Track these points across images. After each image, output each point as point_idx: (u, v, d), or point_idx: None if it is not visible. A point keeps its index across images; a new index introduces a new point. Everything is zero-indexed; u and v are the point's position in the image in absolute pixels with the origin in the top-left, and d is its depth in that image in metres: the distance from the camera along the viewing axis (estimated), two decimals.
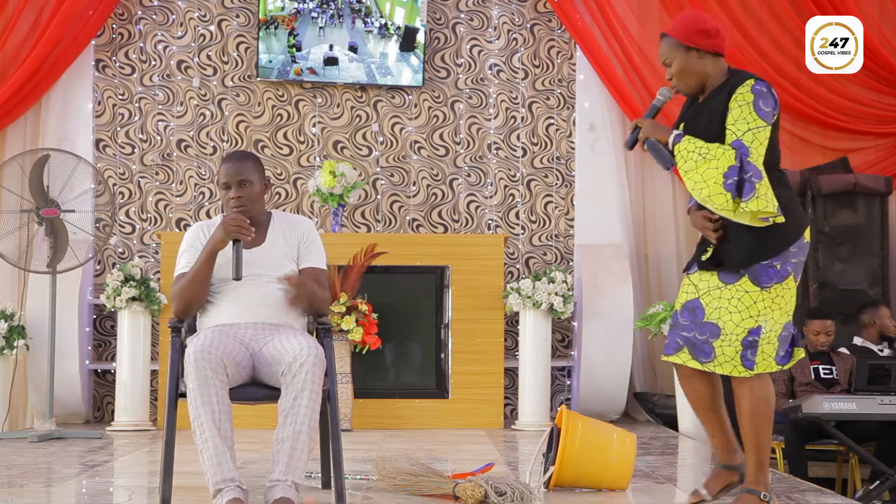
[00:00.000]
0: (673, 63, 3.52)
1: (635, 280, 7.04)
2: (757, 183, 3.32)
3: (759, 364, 3.43)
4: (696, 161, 3.38)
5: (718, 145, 3.38)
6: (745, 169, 3.32)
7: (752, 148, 3.35)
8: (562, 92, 7.41)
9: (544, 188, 7.36)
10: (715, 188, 3.33)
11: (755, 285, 3.40)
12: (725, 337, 3.42)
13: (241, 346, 3.59)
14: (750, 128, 3.36)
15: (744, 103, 3.38)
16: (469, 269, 6.65)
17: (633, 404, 7.07)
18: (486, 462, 4.33)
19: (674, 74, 3.53)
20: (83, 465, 5.00)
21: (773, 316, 3.42)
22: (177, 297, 3.69)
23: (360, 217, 7.24)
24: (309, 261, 3.79)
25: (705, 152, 3.37)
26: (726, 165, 3.33)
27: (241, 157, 3.80)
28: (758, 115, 3.37)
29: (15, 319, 6.37)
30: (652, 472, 4.66)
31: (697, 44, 3.48)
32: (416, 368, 6.76)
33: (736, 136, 3.36)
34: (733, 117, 3.38)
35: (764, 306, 3.40)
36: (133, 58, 7.18)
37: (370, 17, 7.16)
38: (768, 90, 3.42)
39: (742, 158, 3.33)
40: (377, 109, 7.30)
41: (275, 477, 3.37)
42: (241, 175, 3.71)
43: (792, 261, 3.42)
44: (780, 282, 3.41)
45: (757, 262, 3.39)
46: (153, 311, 6.40)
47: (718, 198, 3.33)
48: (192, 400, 3.42)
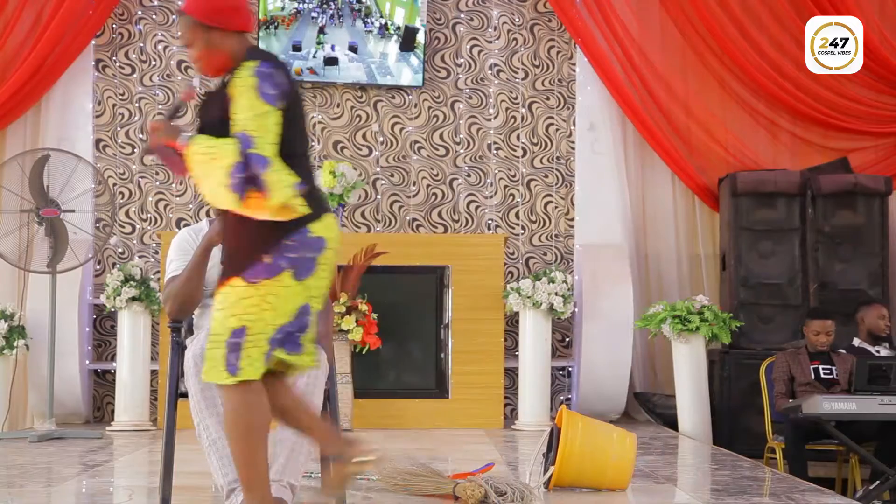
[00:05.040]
0: (194, 44, 3.12)
1: (635, 280, 7.04)
2: (264, 175, 2.94)
3: (244, 369, 2.98)
4: (206, 164, 2.99)
5: (225, 141, 2.98)
6: (250, 162, 2.94)
7: (259, 136, 2.96)
8: (562, 92, 7.41)
9: (544, 188, 7.36)
10: (224, 191, 2.95)
11: (244, 280, 3.00)
12: (213, 338, 3.03)
13: None
14: (256, 114, 2.96)
15: (245, 88, 2.98)
16: (469, 269, 6.65)
17: (633, 404, 7.07)
18: (486, 462, 4.33)
19: (197, 58, 3.13)
20: (83, 465, 5.00)
21: (264, 316, 2.99)
22: (172, 297, 3.68)
23: (361, 217, 7.24)
24: None
25: (213, 151, 2.99)
26: (231, 163, 2.94)
27: None
28: (263, 99, 2.97)
29: (15, 319, 6.37)
30: (652, 472, 4.66)
31: (218, 22, 3.09)
32: (416, 368, 6.76)
33: (240, 127, 2.96)
34: (237, 106, 2.98)
35: (251, 304, 2.99)
36: (133, 58, 7.18)
37: (370, 17, 7.16)
38: (275, 70, 3.03)
39: (245, 151, 2.94)
40: (377, 109, 7.30)
41: (272, 477, 3.35)
42: None
43: (288, 255, 3.01)
44: (270, 277, 2.99)
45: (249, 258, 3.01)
46: (153, 311, 6.40)
47: (229, 201, 2.97)
48: (194, 403, 3.41)
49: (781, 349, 6.11)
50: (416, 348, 6.75)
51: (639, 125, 7.23)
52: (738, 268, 6.88)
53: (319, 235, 3.05)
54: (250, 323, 2.98)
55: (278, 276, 3.00)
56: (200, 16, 3.10)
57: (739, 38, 7.19)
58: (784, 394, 5.68)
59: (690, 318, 6.28)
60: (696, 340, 6.35)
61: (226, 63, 3.09)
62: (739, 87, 7.32)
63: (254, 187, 2.93)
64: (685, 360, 6.38)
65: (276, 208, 2.96)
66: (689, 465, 5.37)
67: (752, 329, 6.76)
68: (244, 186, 2.94)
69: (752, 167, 7.14)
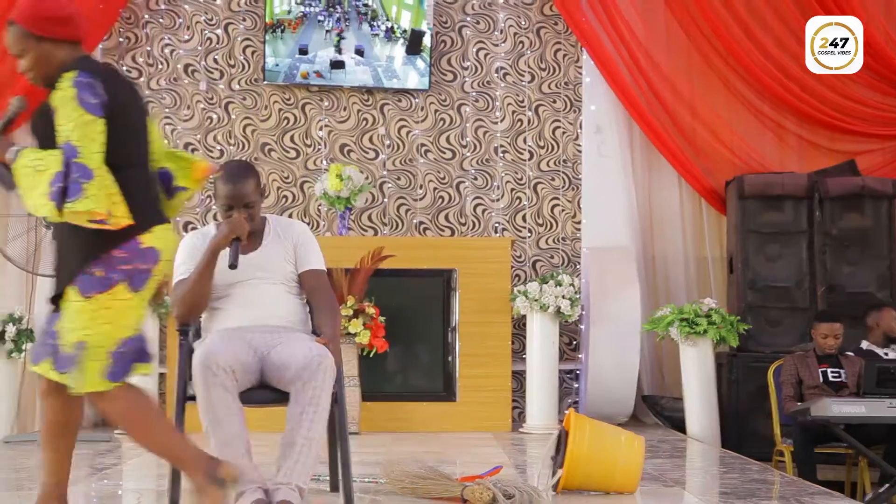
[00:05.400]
0: (25, 55, 3.08)
1: (642, 283, 7.03)
2: (85, 183, 2.89)
3: (87, 382, 2.97)
4: (32, 177, 2.95)
5: (51, 152, 2.95)
6: (71, 171, 2.90)
7: (83, 146, 2.92)
8: (568, 95, 7.41)
9: (551, 191, 7.36)
10: (43, 201, 2.91)
11: (80, 294, 2.99)
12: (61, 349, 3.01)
13: (249, 350, 3.59)
14: (78, 124, 2.93)
15: (66, 99, 2.95)
16: (476, 272, 6.64)
17: (641, 407, 7.06)
18: (494, 465, 4.32)
19: (28, 68, 3.10)
20: (92, 469, 5.00)
21: (102, 330, 2.97)
22: (180, 300, 3.69)
23: (367, 220, 7.24)
24: (308, 264, 3.80)
25: (39, 163, 2.94)
26: (54, 172, 2.90)
27: (241, 175, 3.74)
28: (84, 108, 2.94)
29: (23, 323, 6.37)
30: (660, 475, 4.66)
31: (49, 32, 3.06)
32: (424, 371, 6.75)
33: (64, 137, 2.93)
34: (59, 116, 2.95)
35: (88, 318, 2.97)
36: (140, 61, 7.20)
37: (376, 20, 7.17)
38: (94, 80, 2.99)
39: (69, 160, 2.90)
40: (384, 113, 7.31)
41: (279, 480, 3.37)
42: (245, 198, 3.70)
43: (120, 268, 3.00)
44: (104, 291, 2.98)
45: (78, 269, 3.00)
46: (160, 314, 6.40)
47: (47, 210, 2.92)
48: (202, 406, 3.42)
49: (789, 352, 6.09)
50: (423, 351, 6.75)
51: (645, 128, 7.23)
52: (746, 271, 6.87)
53: (151, 246, 3.05)
54: (87, 337, 2.97)
55: (112, 289, 2.99)
56: (31, 26, 3.06)
57: (744, 39, 7.18)
58: (792, 397, 5.67)
59: (698, 321, 6.28)
60: (703, 343, 6.35)
61: (56, 74, 3.03)
62: (745, 88, 7.31)
63: (74, 197, 2.89)
64: (693, 363, 6.37)
65: (98, 217, 2.93)
66: (697, 468, 5.36)
67: (759, 332, 6.75)
68: (62, 196, 2.89)
69: (758, 170, 7.13)
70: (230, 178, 3.74)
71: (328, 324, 3.71)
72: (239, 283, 3.72)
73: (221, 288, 3.72)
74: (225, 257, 3.66)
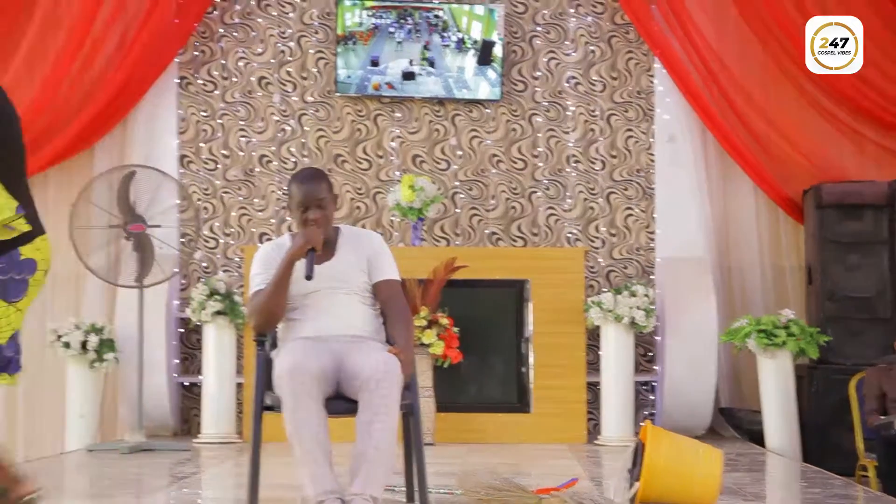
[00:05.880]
0: None
1: (718, 293, 6.94)
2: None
3: None
4: None
5: None
6: None
7: None
8: (640, 104, 7.35)
9: (624, 201, 7.31)
10: None
11: None
12: None
13: (330, 359, 3.62)
14: None
15: None
16: (549, 282, 6.61)
17: (718, 420, 6.96)
18: (569, 477, 4.29)
19: None
20: (172, 477, 5.08)
21: None
22: (257, 310, 3.74)
23: (440, 231, 7.26)
24: (382, 274, 3.83)
25: None
26: None
27: (315, 177, 3.83)
28: None
29: (105, 333, 6.49)
30: (740, 489, 4.58)
31: None
32: (498, 382, 6.74)
33: None
34: None
35: None
36: (215, 75, 7.30)
37: (447, 31, 7.19)
38: None
39: None
40: (455, 123, 7.32)
41: (353, 490, 3.39)
42: (319, 196, 3.76)
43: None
44: None
45: None
46: (237, 324, 6.48)
47: None
48: (288, 415, 3.45)
49: (872, 364, 5.96)
50: (497, 362, 6.74)
51: (719, 136, 7.14)
52: (825, 281, 6.74)
53: (30, 258, 3.09)
54: None
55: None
56: None
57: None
58: (875, 410, 5.55)
59: (776, 332, 6.18)
60: (782, 355, 6.25)
61: None
62: (820, 95, 7.16)
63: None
64: (771, 375, 6.28)
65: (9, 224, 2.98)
66: (777, 482, 5.27)
67: (840, 343, 6.61)
68: None
69: (836, 178, 6.99)
70: (304, 179, 3.82)
71: (402, 334, 3.73)
72: (313, 294, 3.75)
73: (296, 298, 3.76)
74: (300, 268, 3.70)
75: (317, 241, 3.69)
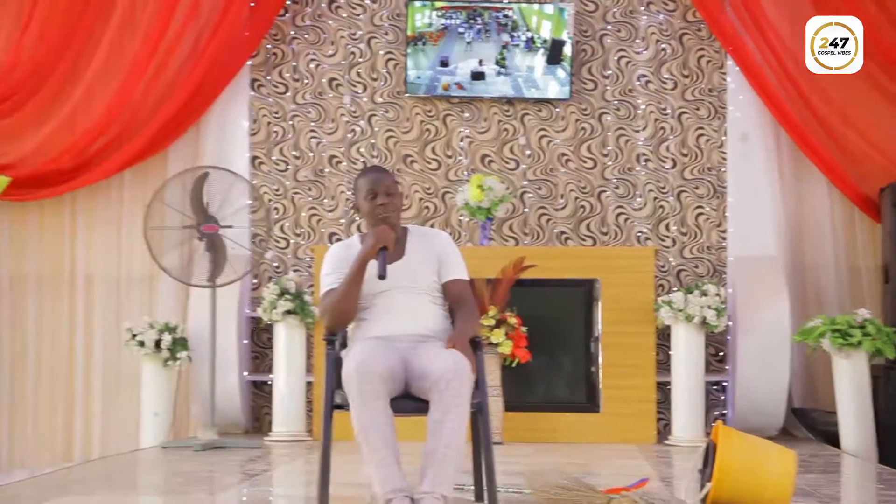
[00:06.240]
0: None
1: (791, 292, 6.83)
2: None
3: None
4: None
5: None
6: None
7: None
8: (712, 102, 7.27)
9: (695, 199, 7.23)
10: None
11: None
12: None
13: (398, 359, 3.64)
14: None
15: None
16: (619, 282, 6.57)
17: (791, 420, 6.86)
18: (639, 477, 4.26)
19: None
20: (243, 474, 5.15)
21: None
22: (329, 309, 3.77)
23: (508, 230, 7.25)
24: (452, 273, 3.86)
25: None
26: None
27: (380, 168, 4.01)
28: None
29: (178, 332, 6.59)
30: (814, 491, 4.51)
31: None
32: (566, 382, 6.71)
33: None
34: None
35: None
36: (286, 76, 7.38)
37: (517, 30, 7.18)
38: None
39: None
40: (524, 123, 7.31)
41: (423, 489, 3.41)
42: (387, 184, 3.84)
43: None
44: None
45: None
46: (308, 324, 6.54)
47: None
48: (356, 414, 3.48)
49: None
50: (565, 362, 6.71)
51: (793, 134, 7.03)
52: None
53: None
54: None
55: None
56: None
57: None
58: None
59: (851, 332, 6.07)
60: (857, 355, 6.13)
61: None
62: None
63: None
64: (846, 375, 6.16)
65: None
66: (853, 484, 5.18)
67: None
68: None
69: None
70: (369, 170, 3.96)
71: (459, 327, 3.75)
72: (383, 293, 3.78)
73: (367, 298, 3.80)
74: (373, 267, 3.73)
75: (388, 240, 3.72)
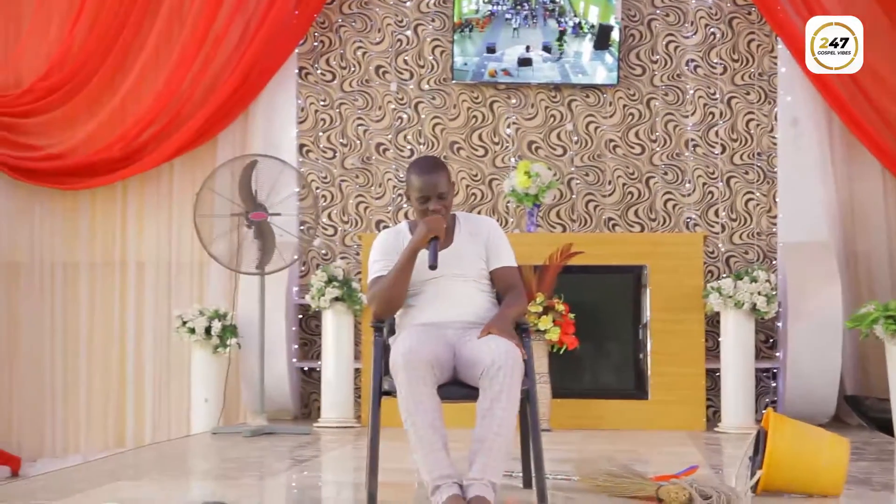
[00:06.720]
0: None
1: (843, 278, 6.74)
2: None
3: None
4: None
5: None
6: None
7: None
8: (762, 86, 7.19)
9: (745, 185, 7.16)
10: None
11: None
12: None
13: (445, 346, 3.64)
14: None
15: None
16: (667, 268, 6.53)
17: (843, 408, 6.78)
18: (689, 465, 4.24)
19: None
20: (293, 460, 5.19)
21: None
22: (378, 296, 3.78)
23: (556, 217, 7.23)
24: (500, 261, 3.85)
25: None
26: None
27: (434, 167, 3.83)
28: None
29: (227, 319, 6.65)
30: (867, 479, 4.46)
31: None
32: (614, 369, 6.69)
33: None
34: None
35: None
36: (333, 64, 7.40)
37: (564, 16, 7.14)
38: None
39: None
40: (571, 109, 7.28)
41: (472, 476, 3.41)
42: (439, 188, 3.78)
43: None
44: None
45: None
46: (355, 311, 6.57)
47: None
48: (403, 401, 3.49)
49: None
50: (613, 348, 6.68)
51: (845, 118, 6.93)
52: None
53: None
54: None
55: None
56: None
57: None
58: None
59: None
60: None
61: None
62: None
63: None
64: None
65: None
66: None
67: None
68: None
69: None
70: (424, 170, 3.83)
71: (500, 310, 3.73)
72: (432, 280, 3.78)
73: (415, 285, 3.80)
74: (423, 255, 3.73)
75: (440, 230, 3.72)
